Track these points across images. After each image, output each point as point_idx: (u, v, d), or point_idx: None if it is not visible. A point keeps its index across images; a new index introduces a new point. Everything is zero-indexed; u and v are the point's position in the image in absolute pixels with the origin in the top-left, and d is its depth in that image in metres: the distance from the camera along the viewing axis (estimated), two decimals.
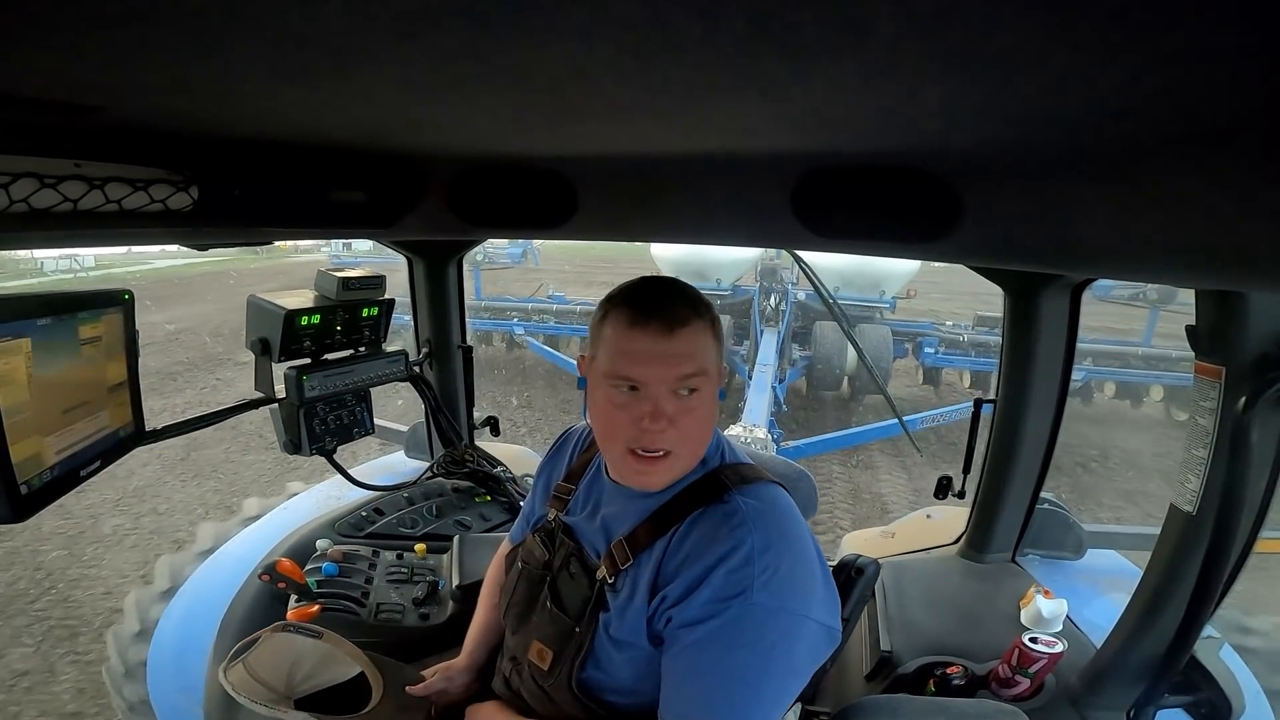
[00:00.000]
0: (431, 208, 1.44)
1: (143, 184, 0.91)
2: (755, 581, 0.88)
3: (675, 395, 0.94)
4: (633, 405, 0.95)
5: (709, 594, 0.89)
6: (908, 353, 9.47)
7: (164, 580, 2.00)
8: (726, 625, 0.88)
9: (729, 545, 0.91)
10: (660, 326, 0.93)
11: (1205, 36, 0.39)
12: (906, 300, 10.11)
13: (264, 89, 0.66)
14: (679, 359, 0.93)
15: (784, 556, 0.92)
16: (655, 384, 0.93)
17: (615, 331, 0.96)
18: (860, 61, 0.49)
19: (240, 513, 2.30)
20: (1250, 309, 1.08)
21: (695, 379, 0.94)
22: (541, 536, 1.16)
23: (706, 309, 0.99)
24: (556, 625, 1.05)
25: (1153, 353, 8.53)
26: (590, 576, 1.04)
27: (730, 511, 0.96)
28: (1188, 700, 1.36)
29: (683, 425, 0.95)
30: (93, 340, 1.13)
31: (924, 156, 1.00)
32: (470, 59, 0.53)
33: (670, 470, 0.99)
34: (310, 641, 1.25)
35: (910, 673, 1.54)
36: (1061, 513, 1.98)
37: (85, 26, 0.45)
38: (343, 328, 1.83)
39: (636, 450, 0.97)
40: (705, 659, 0.89)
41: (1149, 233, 0.81)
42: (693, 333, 0.94)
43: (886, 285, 9.45)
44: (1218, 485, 1.12)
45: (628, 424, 0.95)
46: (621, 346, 0.95)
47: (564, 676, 1.03)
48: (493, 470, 2.33)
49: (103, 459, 1.18)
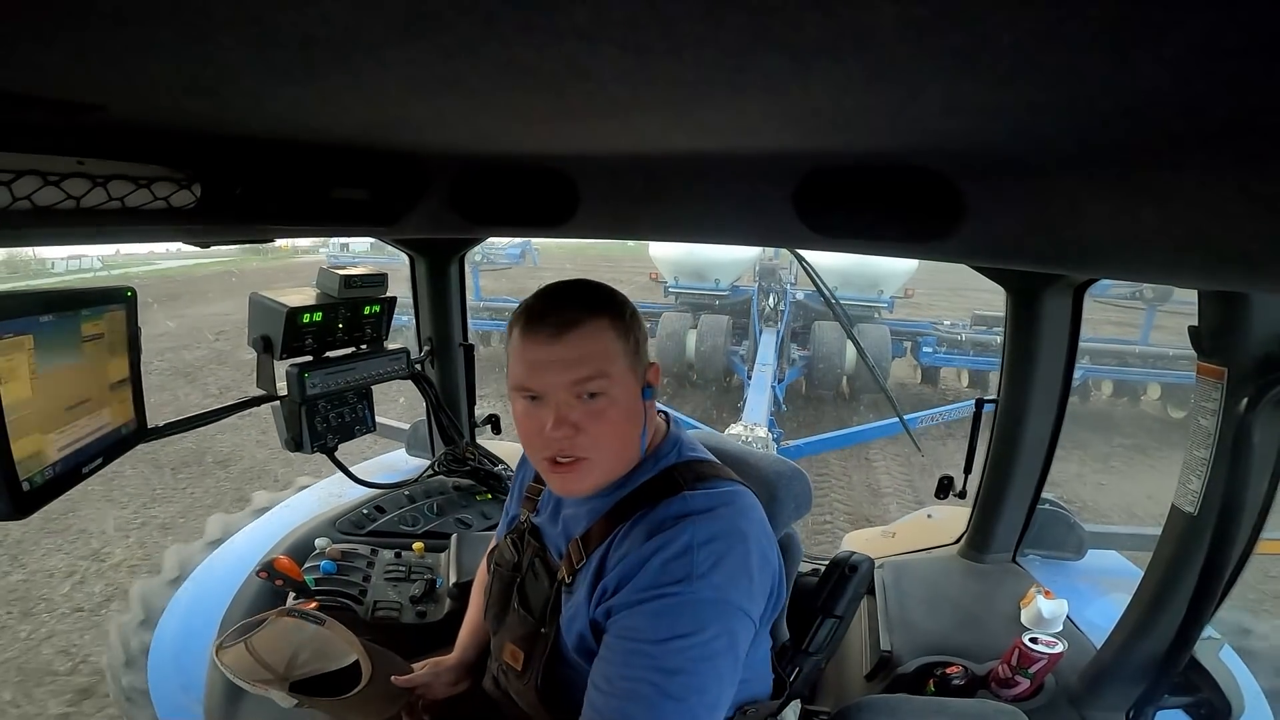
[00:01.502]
0: (433, 206, 1.44)
1: (145, 182, 0.91)
2: (695, 570, 0.86)
3: (579, 400, 0.91)
4: (536, 414, 0.93)
5: (646, 580, 0.87)
6: (906, 351, 9.53)
7: (172, 570, 2.01)
8: (663, 611, 0.85)
9: (668, 537, 0.89)
10: (549, 331, 0.90)
11: (1209, 34, 0.39)
12: (905, 299, 10.14)
13: (266, 87, 0.66)
14: (570, 364, 0.90)
15: (727, 550, 0.89)
16: (551, 391, 0.91)
17: (515, 343, 0.94)
18: (862, 61, 0.49)
19: (250, 504, 2.31)
20: (1253, 310, 1.08)
21: (593, 382, 0.91)
22: (513, 538, 1.16)
23: (606, 306, 0.95)
24: (524, 626, 1.06)
25: (1150, 351, 8.57)
26: (551, 576, 1.04)
27: (674, 506, 0.94)
28: (1188, 701, 1.35)
29: (592, 430, 0.92)
30: (95, 337, 1.13)
31: (926, 156, 1.00)
32: (472, 57, 0.53)
33: (590, 476, 0.96)
34: (313, 628, 1.27)
35: (910, 673, 1.54)
36: (1062, 513, 1.98)
37: (87, 25, 0.45)
38: (344, 325, 1.83)
39: (554, 459, 0.94)
40: (640, 645, 0.85)
41: (1152, 233, 0.81)
42: (585, 334, 0.91)
43: (884, 285, 9.49)
44: (1219, 486, 1.12)
45: (536, 433, 0.93)
46: (518, 356, 0.93)
47: (533, 678, 1.03)
48: (494, 468, 2.33)
49: (104, 456, 1.19)
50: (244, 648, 1.20)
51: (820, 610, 1.28)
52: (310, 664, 1.22)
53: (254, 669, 1.17)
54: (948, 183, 1.03)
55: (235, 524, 2.17)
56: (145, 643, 1.83)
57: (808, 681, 1.32)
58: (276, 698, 1.14)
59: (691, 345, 9.23)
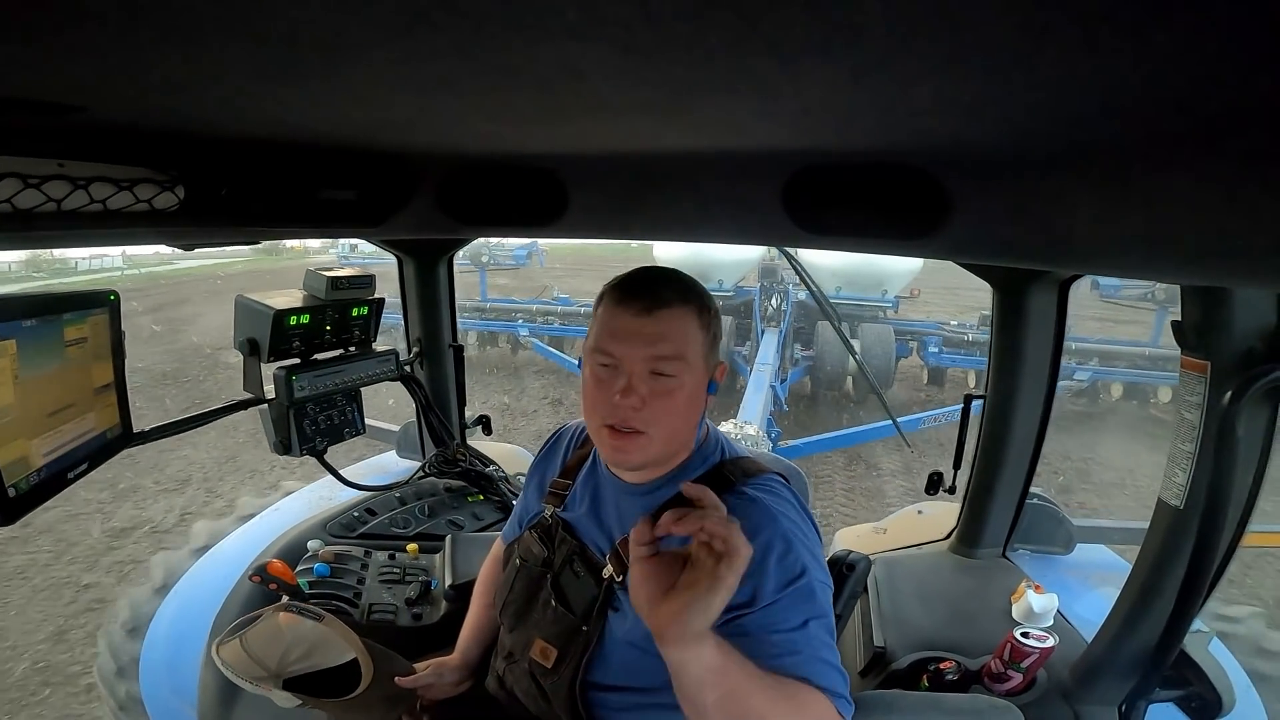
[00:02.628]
0: (422, 206, 1.43)
1: (128, 184, 0.90)
2: (807, 562, 0.93)
3: (651, 376, 0.96)
4: (609, 380, 0.97)
5: (773, 584, 0.91)
6: (911, 352, 9.45)
7: (159, 577, 1.99)
8: (798, 602, 0.91)
9: (769, 535, 0.93)
10: (641, 305, 0.96)
11: (1193, 34, 0.39)
12: (910, 299, 10.08)
13: (251, 88, 0.65)
14: (654, 338, 0.95)
15: (811, 536, 0.99)
16: (629, 360, 0.96)
17: (603, 310, 1.00)
18: (851, 59, 0.49)
19: (235, 511, 2.29)
20: (1235, 305, 1.09)
21: (670, 362, 0.96)
22: (539, 533, 1.16)
23: (696, 297, 1.00)
24: (561, 624, 1.05)
25: (1160, 353, 8.43)
26: (596, 575, 1.04)
27: (746, 506, 0.98)
28: (1179, 695, 1.37)
29: (655, 406, 0.96)
30: (78, 341, 1.12)
31: (913, 154, 1.00)
32: (461, 57, 0.53)
33: (644, 451, 0.99)
34: (310, 624, 1.25)
35: (904, 668, 1.54)
36: (1051, 508, 2.00)
37: (68, 26, 0.44)
38: (332, 327, 1.82)
39: (612, 425, 0.98)
40: (785, 634, 0.90)
41: (1136, 229, 0.81)
42: (673, 315, 0.96)
43: (889, 284, 9.46)
44: (1204, 479, 1.13)
45: (603, 398, 0.97)
46: (604, 323, 0.99)
47: (567, 675, 1.02)
48: (485, 469, 2.32)
49: (90, 461, 1.17)
50: (239, 644, 1.18)
51: None
52: (304, 660, 1.19)
53: (249, 666, 1.15)
54: (934, 180, 1.04)
55: (222, 529, 2.15)
56: (134, 651, 1.81)
57: None
58: (277, 698, 1.11)
59: None
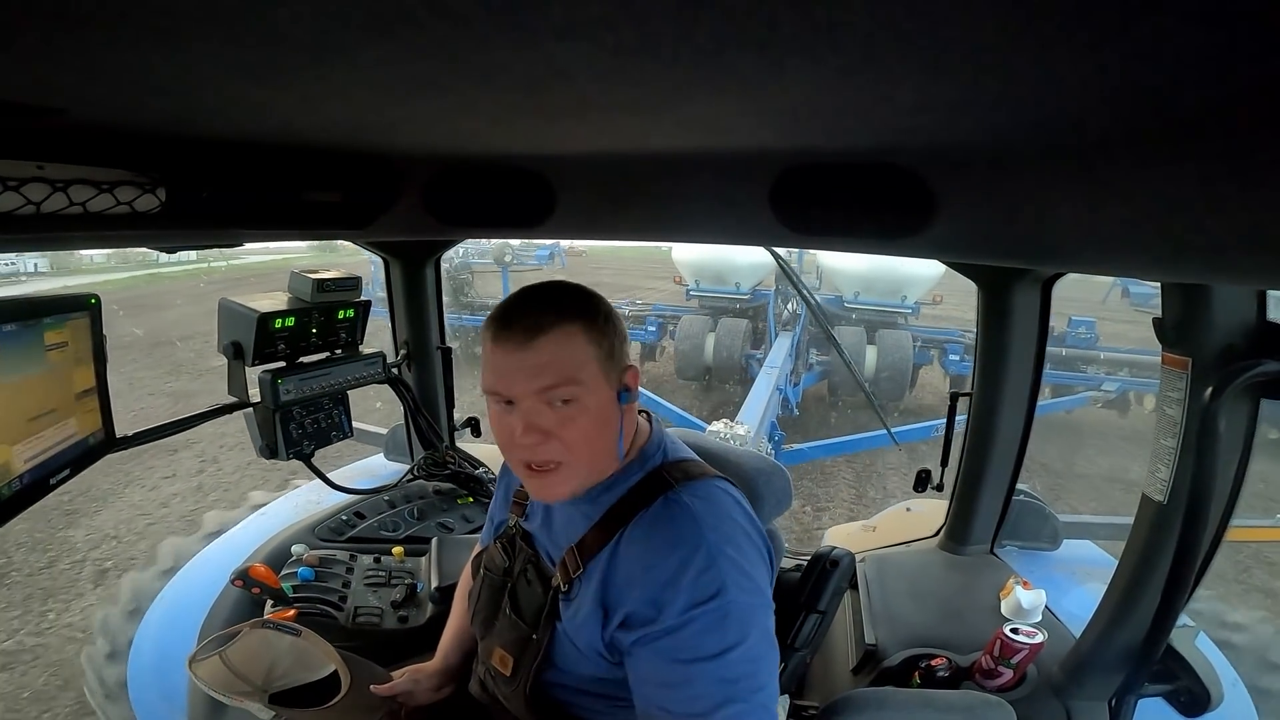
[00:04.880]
0: (407, 208, 1.42)
1: (108, 186, 0.89)
2: (727, 579, 0.87)
3: (551, 406, 0.91)
4: (508, 419, 0.93)
5: (684, 600, 0.87)
6: (933, 360, 9.24)
7: (166, 560, 1.97)
8: (714, 625, 0.86)
9: (689, 548, 0.89)
10: (518, 338, 0.89)
11: (1172, 33, 0.40)
12: (933, 306, 9.78)
13: (234, 88, 0.65)
14: (537, 370, 0.89)
15: (743, 549, 0.92)
16: (520, 397, 0.91)
17: (486, 346, 0.93)
18: (836, 59, 0.50)
19: (203, 527, 2.26)
20: (1214, 302, 1.11)
21: (562, 389, 0.90)
22: (503, 543, 1.16)
23: (579, 311, 0.93)
24: (515, 632, 1.05)
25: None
26: (545, 584, 1.03)
27: (678, 512, 0.94)
28: (1167, 689, 1.38)
29: (565, 436, 0.91)
30: (59, 346, 1.10)
31: (899, 153, 1.01)
32: (447, 57, 0.52)
33: (567, 481, 0.95)
34: (289, 639, 1.25)
35: (896, 665, 1.55)
36: (1037, 504, 2.02)
37: (47, 26, 0.43)
38: (318, 330, 1.80)
39: (528, 463, 0.94)
40: (699, 664, 0.85)
41: (1117, 227, 0.82)
42: (552, 340, 0.89)
43: (909, 290, 9.22)
44: (1187, 474, 1.15)
45: (510, 439, 0.93)
46: (488, 361, 0.92)
47: (522, 683, 1.02)
48: (474, 471, 2.32)
49: (72, 467, 1.16)
50: (219, 661, 1.19)
51: (804, 606, 1.29)
52: (289, 675, 1.20)
53: (231, 682, 1.15)
54: (920, 180, 1.04)
55: (188, 549, 2.13)
56: (119, 673, 1.79)
57: (795, 677, 1.32)
58: (254, 709, 1.12)
59: (710, 349, 9.10)
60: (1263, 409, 1.14)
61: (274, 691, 1.17)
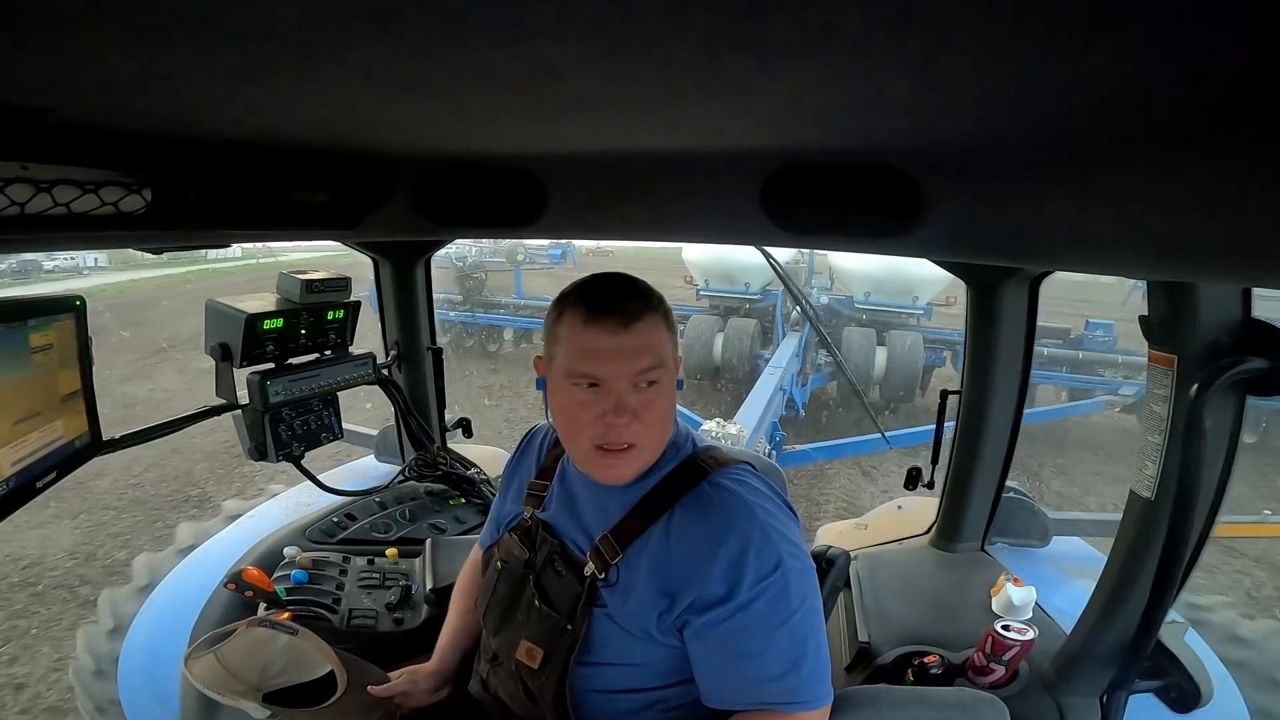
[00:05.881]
0: (397, 208, 1.42)
1: (93, 187, 0.88)
2: (783, 551, 0.95)
3: (636, 389, 0.96)
4: (595, 402, 0.96)
5: (752, 577, 0.93)
6: (945, 361, 9.14)
7: (142, 577, 1.94)
8: (779, 594, 0.94)
9: (745, 527, 0.96)
10: (616, 322, 0.94)
11: (1161, 36, 0.40)
12: (946, 307, 9.60)
13: (221, 88, 0.64)
14: (637, 353, 0.95)
15: (785, 522, 1.00)
16: (616, 379, 0.95)
17: (572, 329, 0.97)
18: (827, 59, 0.50)
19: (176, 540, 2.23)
20: (1200, 300, 1.12)
21: (654, 371, 0.96)
22: (519, 535, 1.16)
23: (659, 301, 1.01)
24: (546, 623, 1.05)
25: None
26: (578, 574, 1.04)
27: (726, 496, 1.00)
28: (1158, 685, 1.39)
29: (646, 418, 0.97)
30: (43, 348, 1.09)
31: (889, 153, 1.01)
32: (437, 56, 0.52)
33: (635, 462, 1.01)
34: (285, 637, 1.24)
35: (889, 663, 1.56)
36: (1027, 501, 2.03)
37: (31, 26, 0.43)
38: (307, 331, 1.79)
39: (603, 445, 0.98)
40: (776, 627, 0.94)
41: (1104, 227, 0.83)
42: (648, 326, 0.96)
43: (920, 291, 9.16)
44: (1174, 471, 1.15)
45: (592, 421, 0.97)
46: (580, 344, 0.96)
47: (555, 674, 1.03)
48: (466, 472, 2.30)
49: (59, 470, 1.15)
50: (214, 659, 1.17)
51: None
52: (284, 674, 1.19)
53: (226, 680, 1.14)
54: (910, 180, 1.05)
55: (207, 531, 2.12)
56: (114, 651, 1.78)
57: None
58: (249, 709, 1.11)
59: (719, 349, 9.09)
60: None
61: (269, 691, 1.16)
